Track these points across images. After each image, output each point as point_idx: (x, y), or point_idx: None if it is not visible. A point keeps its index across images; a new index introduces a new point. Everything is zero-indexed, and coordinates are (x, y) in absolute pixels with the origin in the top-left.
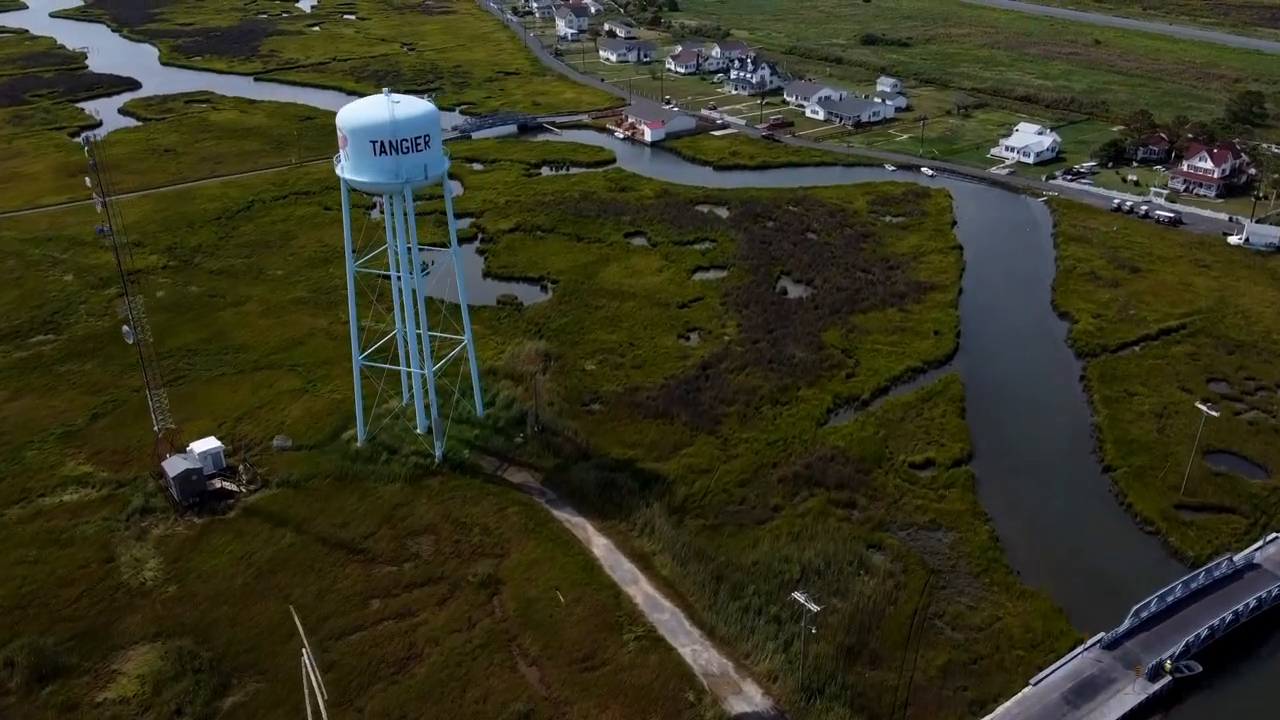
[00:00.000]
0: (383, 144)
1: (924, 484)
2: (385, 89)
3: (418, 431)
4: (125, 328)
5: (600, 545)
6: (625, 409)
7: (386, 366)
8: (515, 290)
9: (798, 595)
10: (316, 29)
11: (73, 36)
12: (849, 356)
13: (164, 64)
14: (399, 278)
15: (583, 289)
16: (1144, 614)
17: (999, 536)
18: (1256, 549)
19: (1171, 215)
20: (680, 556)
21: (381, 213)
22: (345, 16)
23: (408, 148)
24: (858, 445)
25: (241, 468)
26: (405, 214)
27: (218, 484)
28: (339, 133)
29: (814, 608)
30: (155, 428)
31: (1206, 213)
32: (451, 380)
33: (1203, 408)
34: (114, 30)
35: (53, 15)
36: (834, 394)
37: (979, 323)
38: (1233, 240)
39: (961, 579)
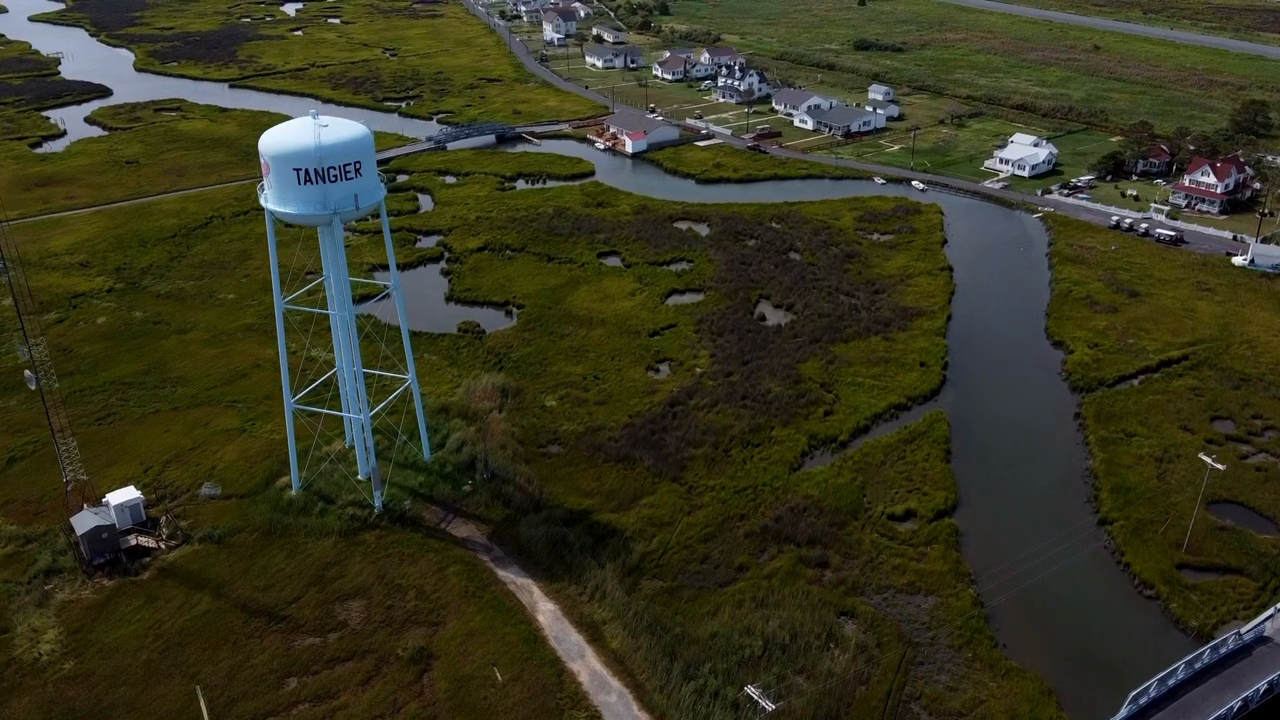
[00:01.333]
0: (307, 172)
1: (903, 539)
2: (312, 111)
3: (359, 477)
4: (27, 372)
5: (546, 612)
6: (585, 451)
7: (321, 410)
8: (479, 316)
9: (751, 690)
10: (299, 33)
11: (49, 41)
12: (828, 391)
13: (139, 70)
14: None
15: (549, 315)
16: (1143, 700)
17: (983, 602)
18: (1266, 619)
19: (1172, 234)
20: (632, 627)
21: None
22: (329, 20)
23: (336, 176)
24: (833, 494)
25: (163, 520)
26: (339, 246)
27: (134, 540)
28: (261, 159)
29: (769, 706)
30: (65, 479)
31: (1209, 230)
32: (400, 419)
33: (1207, 460)
34: (92, 35)
35: (31, 19)
36: (810, 434)
37: (968, 353)
38: (1237, 261)
39: (941, 653)
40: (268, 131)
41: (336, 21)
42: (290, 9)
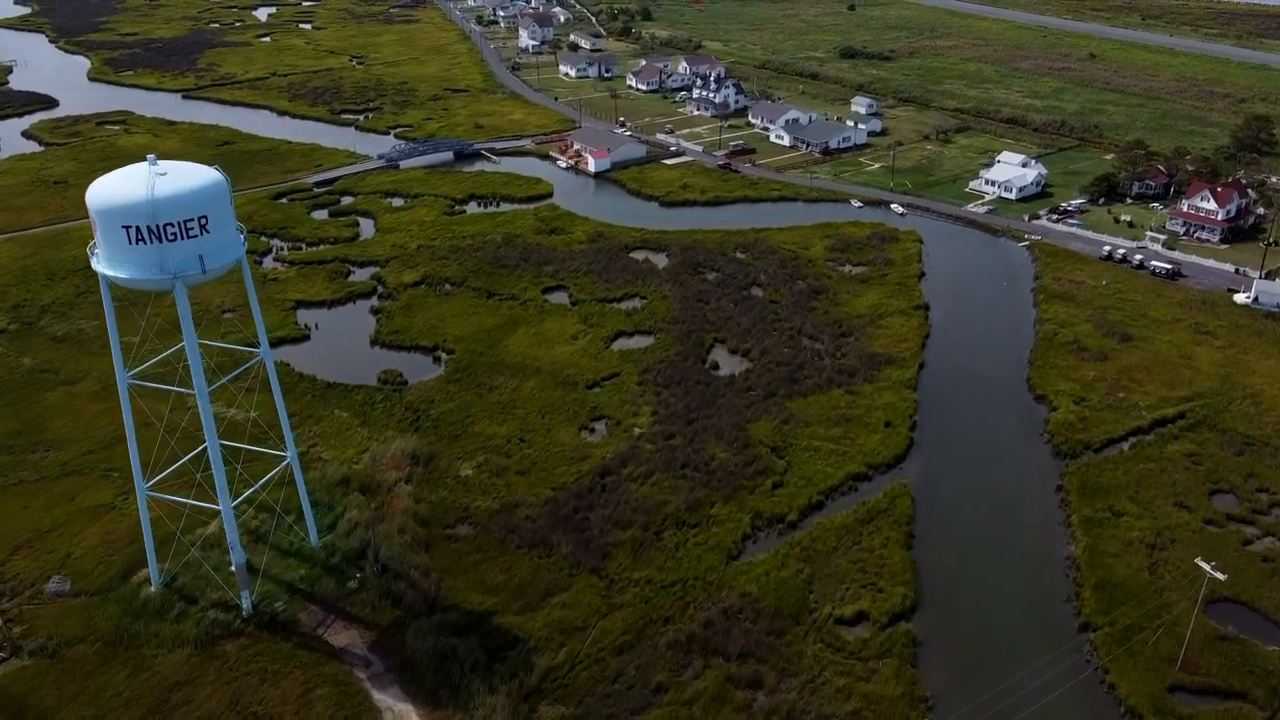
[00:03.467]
0: (139, 230)
1: (852, 650)
2: (150, 155)
3: (233, 567)
4: None
5: None
6: (497, 534)
7: (178, 500)
8: (404, 363)
9: None
10: (266, 40)
11: (6, 47)
12: (780, 457)
13: (92, 79)
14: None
15: (481, 362)
16: None
17: None
18: None
19: (1169, 267)
20: None
21: None
22: (301, 26)
23: (175, 234)
24: (774, 591)
25: None
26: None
27: None
28: (89, 213)
29: None
30: None
31: (1209, 262)
32: (281, 495)
33: (1204, 566)
34: (51, 41)
35: None
36: (755, 513)
37: (940, 409)
38: (1239, 299)
39: None
40: (96, 182)
41: (308, 27)
42: (263, 14)
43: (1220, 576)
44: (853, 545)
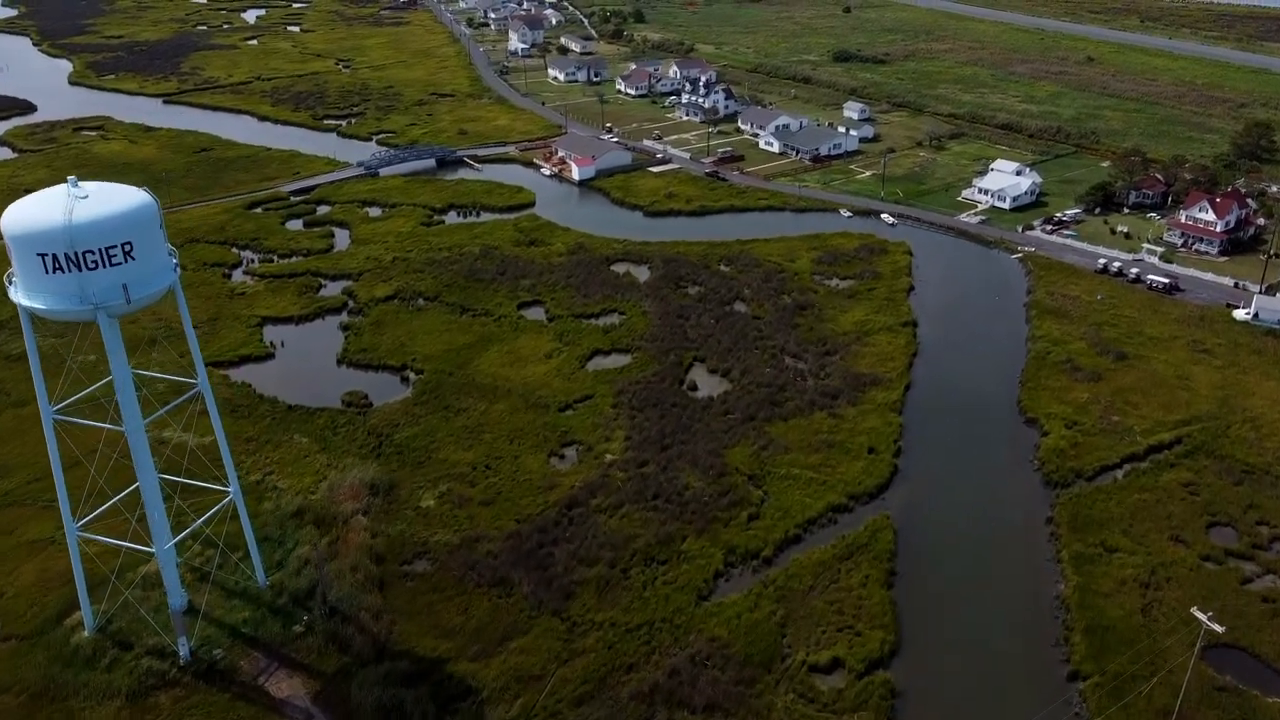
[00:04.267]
0: (56, 258)
1: (825, 701)
2: (70, 177)
3: (172, 609)
4: None
5: None
6: (456, 571)
7: (108, 541)
8: (370, 384)
9: None
10: (253, 42)
11: None
12: (757, 486)
13: (73, 83)
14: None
15: (450, 382)
16: None
17: None
18: None
19: (1166, 281)
20: None
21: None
22: (289, 28)
23: (96, 261)
24: (745, 635)
25: None
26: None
27: None
28: (4, 239)
29: None
30: None
31: (1208, 276)
32: (238, 526)
33: (1201, 617)
34: (35, 44)
35: None
36: (728, 547)
37: (926, 434)
38: (1239, 315)
39: None
40: (11, 206)
41: (296, 29)
42: (251, 16)
43: (1218, 629)
44: (830, 584)
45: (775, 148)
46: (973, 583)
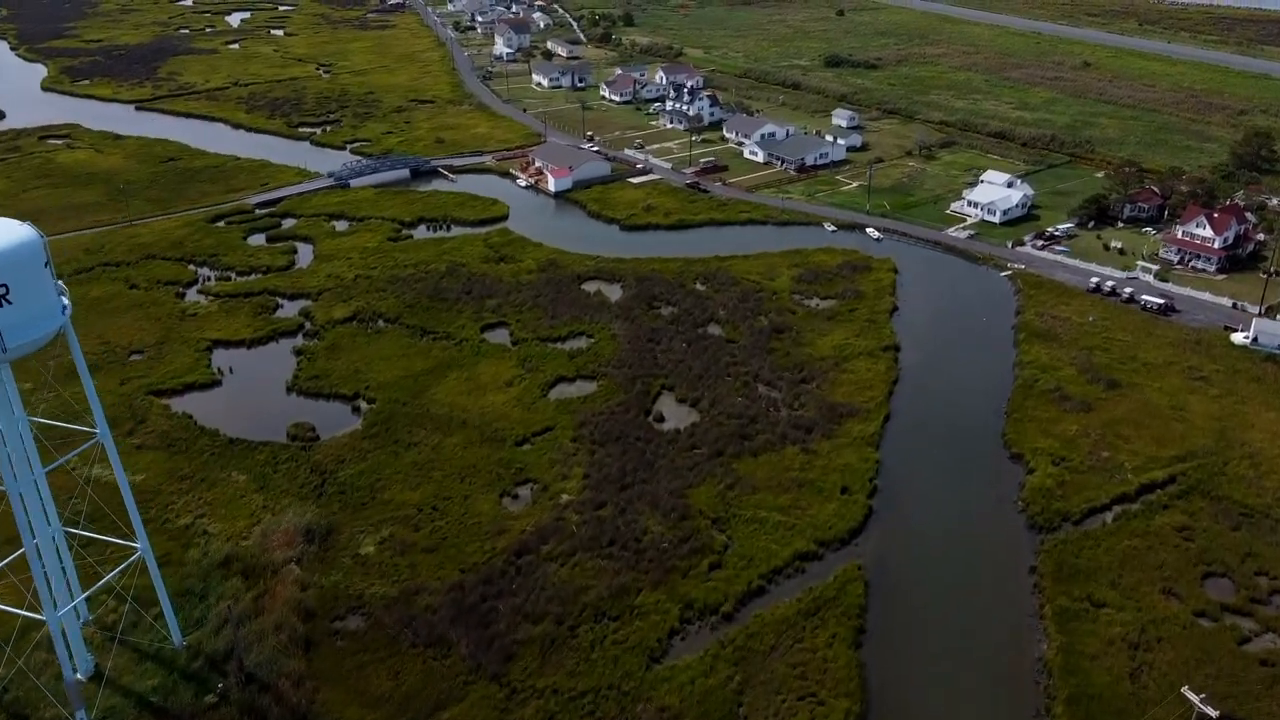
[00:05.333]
0: None
1: None
2: None
3: (76, 677)
4: None
5: None
6: (391, 629)
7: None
8: (320, 414)
9: None
10: (235, 46)
11: None
12: (721, 530)
13: (45, 89)
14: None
15: (403, 413)
16: None
17: None
18: None
19: (1161, 301)
20: None
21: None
22: (273, 32)
23: None
24: (698, 704)
25: None
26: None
27: None
28: None
29: None
30: None
31: (1205, 295)
32: (134, 582)
33: (1192, 698)
34: (12, 48)
35: None
36: (685, 601)
37: (904, 470)
38: (1237, 339)
39: None
40: None
41: (280, 33)
42: (236, 19)
43: (1211, 714)
44: (794, 644)
45: (760, 157)
46: (948, 642)
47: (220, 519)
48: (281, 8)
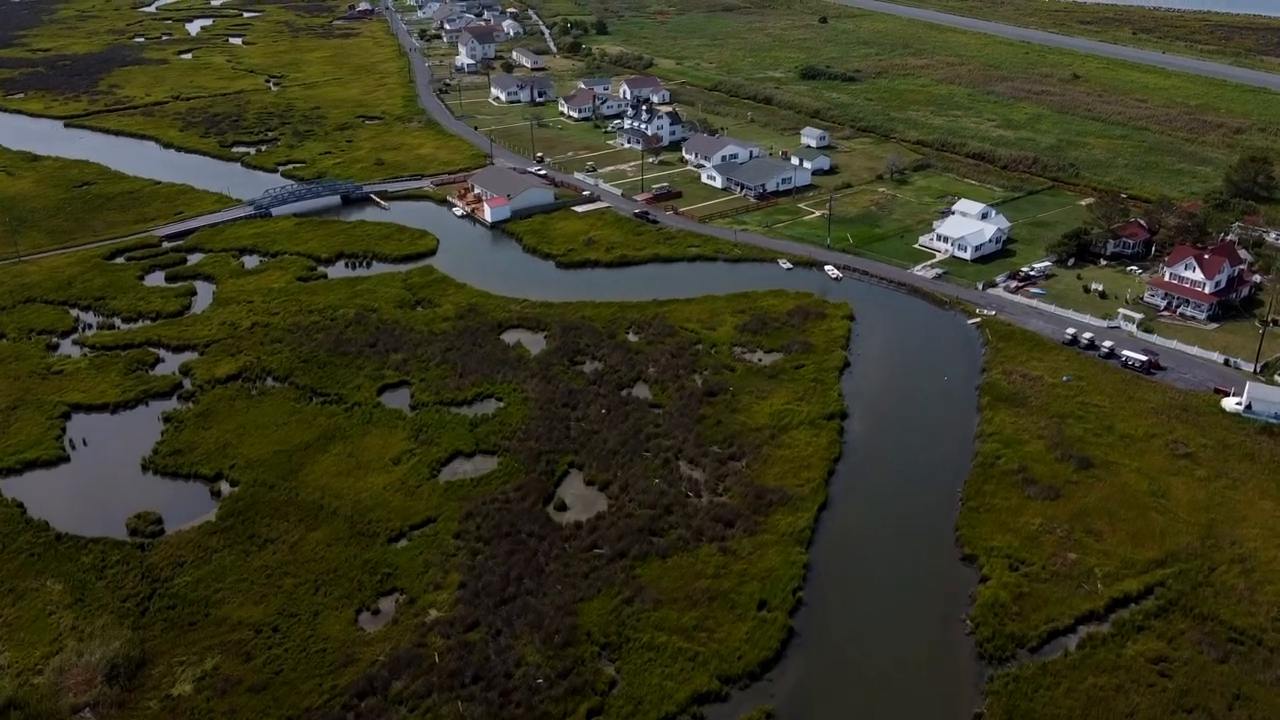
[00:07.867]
0: None
1: None
2: None
3: None
4: None
5: None
6: None
7: None
8: (173, 498)
9: None
10: (187, 56)
11: None
12: (610, 662)
13: None
14: None
15: (267, 499)
16: None
17: None
18: None
19: (1144, 358)
20: None
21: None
22: (231, 40)
23: None
24: None
25: None
26: None
27: None
28: None
29: None
30: None
31: (1194, 349)
32: None
33: None
34: None
35: None
36: None
37: (836, 578)
38: (1229, 405)
39: None
40: None
41: (239, 41)
42: (196, 26)
43: None
44: None
45: (718, 183)
46: None
47: (16, 645)
48: (246, 14)
